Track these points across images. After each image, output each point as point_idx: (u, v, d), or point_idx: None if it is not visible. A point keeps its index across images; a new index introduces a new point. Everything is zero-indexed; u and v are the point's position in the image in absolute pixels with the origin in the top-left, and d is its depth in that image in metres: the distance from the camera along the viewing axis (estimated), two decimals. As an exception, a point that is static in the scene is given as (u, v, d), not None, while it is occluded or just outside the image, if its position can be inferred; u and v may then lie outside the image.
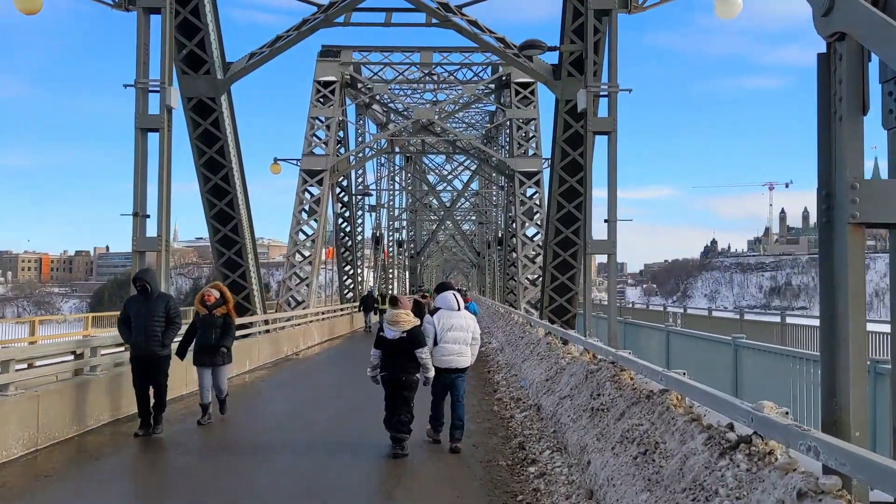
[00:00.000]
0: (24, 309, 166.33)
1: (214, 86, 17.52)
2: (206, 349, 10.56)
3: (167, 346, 9.72)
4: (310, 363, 20.55)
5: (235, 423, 10.93)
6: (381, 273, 55.86)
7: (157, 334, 9.54)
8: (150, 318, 9.54)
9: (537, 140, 31.67)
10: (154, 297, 9.67)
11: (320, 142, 31.45)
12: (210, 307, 10.61)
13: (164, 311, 9.65)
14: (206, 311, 10.60)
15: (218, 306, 10.69)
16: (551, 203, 19.44)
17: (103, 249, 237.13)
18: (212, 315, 10.60)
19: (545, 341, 14.53)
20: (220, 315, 10.68)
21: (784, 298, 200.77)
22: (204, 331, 10.58)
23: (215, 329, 10.57)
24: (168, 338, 9.67)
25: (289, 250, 29.08)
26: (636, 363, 7.50)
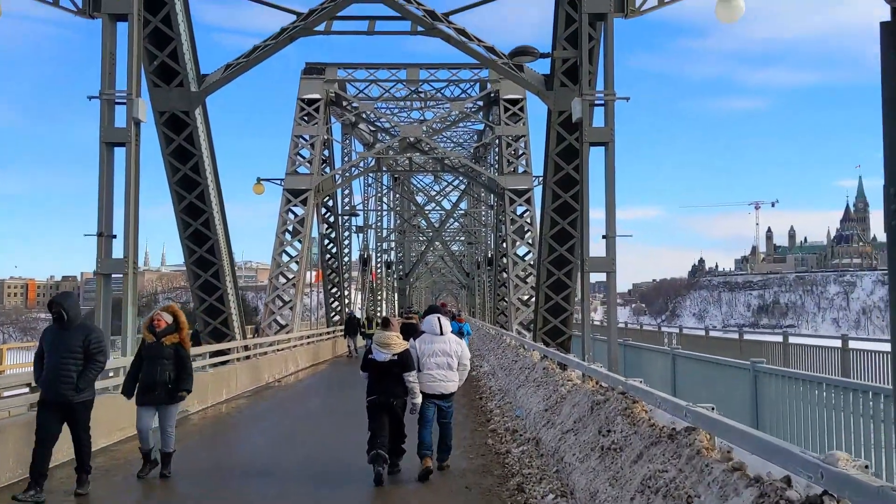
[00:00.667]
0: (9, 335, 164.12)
1: (188, 99, 16.57)
2: (150, 386, 8.63)
3: (84, 391, 7.82)
4: (291, 391, 19.46)
5: (196, 471, 9.82)
6: (370, 295, 54.78)
7: (71, 374, 7.69)
8: (64, 353, 7.74)
9: (527, 157, 30.90)
10: (72, 327, 7.84)
11: (304, 161, 30.53)
12: (159, 334, 8.72)
13: (83, 346, 7.77)
14: (154, 338, 8.71)
15: (168, 333, 8.75)
16: (544, 220, 18.55)
17: (90, 275, 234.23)
18: (160, 344, 8.68)
19: (541, 366, 13.55)
20: (171, 344, 8.73)
21: (772, 317, 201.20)
22: (150, 363, 8.66)
23: (162, 361, 8.64)
24: (85, 380, 7.79)
25: (271, 272, 28.04)
26: (653, 395, 6.55)
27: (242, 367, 18.86)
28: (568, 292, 19.12)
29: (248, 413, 15.30)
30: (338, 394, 19.34)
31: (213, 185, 17.97)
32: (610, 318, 13.67)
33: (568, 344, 19.73)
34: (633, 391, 7.26)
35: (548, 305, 19.30)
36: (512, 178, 30.14)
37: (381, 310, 58.08)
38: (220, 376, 16.81)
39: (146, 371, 8.67)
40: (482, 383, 19.31)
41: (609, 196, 13.63)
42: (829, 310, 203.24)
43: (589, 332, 13.79)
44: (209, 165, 17.78)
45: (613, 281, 13.68)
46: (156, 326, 8.76)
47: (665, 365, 12.83)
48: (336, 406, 16.53)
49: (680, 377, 11.95)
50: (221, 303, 19.21)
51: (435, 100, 34.26)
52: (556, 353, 13.35)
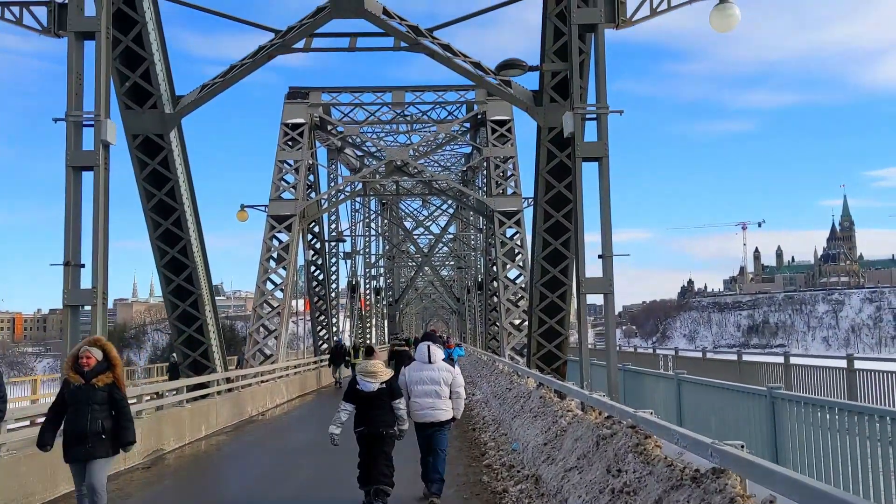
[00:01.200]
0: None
1: (162, 121, 15.86)
2: (79, 437, 7.00)
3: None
4: (275, 425, 18.55)
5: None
6: (359, 322, 53.88)
7: None
8: None
9: (516, 178, 30.32)
10: None
11: (289, 186, 29.83)
12: (88, 374, 7.09)
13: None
14: (82, 379, 7.07)
15: (100, 373, 7.14)
16: (536, 241, 17.87)
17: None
18: (90, 387, 7.05)
19: (537, 394, 12.78)
20: (103, 386, 7.10)
21: (763, 337, 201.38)
22: (78, 410, 7.03)
23: (93, 407, 7.02)
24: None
25: (255, 301, 27.19)
26: (671, 430, 5.80)
27: (224, 400, 17.96)
28: (562, 315, 18.40)
29: (227, 450, 14.42)
30: (323, 427, 18.39)
31: (190, 210, 17.21)
32: (608, 342, 12.95)
33: (563, 369, 19.00)
34: (645, 424, 6.52)
35: (541, 330, 18.58)
36: (501, 200, 29.52)
37: (370, 337, 57.17)
38: (198, 411, 15.93)
39: (72, 419, 7.05)
40: (475, 412, 18.48)
41: (604, 213, 12.99)
42: (818, 328, 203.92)
43: (587, 357, 13.05)
44: (186, 190, 17.04)
45: (611, 303, 12.98)
46: (83, 365, 7.11)
47: (669, 391, 12.09)
48: (322, 440, 15.54)
49: (686, 405, 11.21)
50: (201, 333, 18.36)
51: (421, 122, 33.74)
52: (553, 380, 12.60)
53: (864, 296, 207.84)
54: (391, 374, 8.55)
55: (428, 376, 8.66)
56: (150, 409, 13.92)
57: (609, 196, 13.04)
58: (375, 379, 8.26)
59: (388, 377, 8.39)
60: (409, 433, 8.72)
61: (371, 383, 8.24)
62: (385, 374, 8.38)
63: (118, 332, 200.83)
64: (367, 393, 8.23)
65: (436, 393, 8.62)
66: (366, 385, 8.26)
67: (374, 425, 8.20)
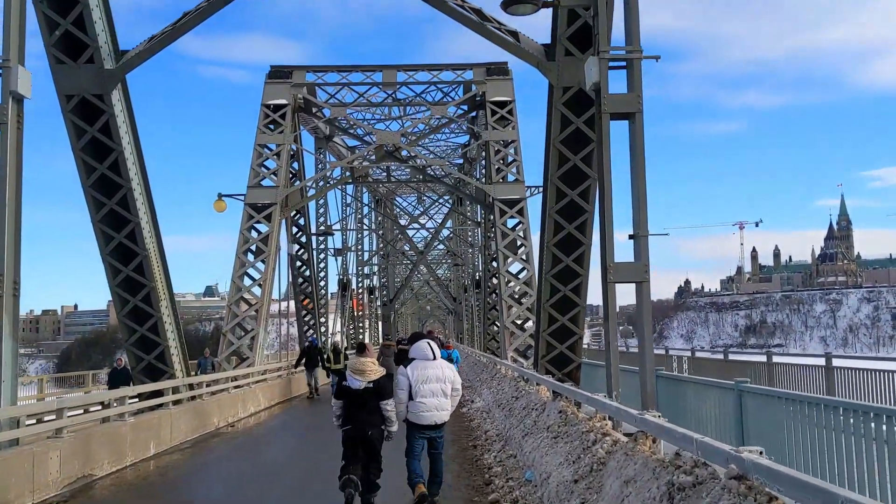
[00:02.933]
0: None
1: (101, 78, 13.26)
2: None
3: None
4: (243, 439, 15.91)
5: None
6: (350, 323, 51.27)
7: None
8: None
9: (518, 164, 27.74)
10: None
11: (269, 172, 27.22)
12: None
13: None
14: None
15: None
16: (546, 225, 15.31)
17: (71, 308, 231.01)
18: None
19: (555, 407, 10.20)
20: None
21: (760, 337, 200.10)
22: None
23: None
24: None
25: (230, 297, 24.58)
26: (825, 492, 3.24)
27: (182, 411, 15.32)
28: (576, 312, 15.84)
29: (176, 474, 11.81)
30: (303, 440, 15.89)
31: (139, 187, 14.62)
32: (643, 343, 10.41)
33: (577, 374, 16.44)
34: (765, 476, 3.95)
35: (552, 328, 16.02)
36: (502, 188, 26.95)
37: (362, 338, 54.59)
38: (144, 426, 13.31)
39: None
40: (475, 424, 15.92)
41: (638, 183, 10.46)
42: (816, 328, 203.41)
43: (616, 360, 10.49)
44: (134, 164, 14.45)
45: (647, 294, 10.44)
46: None
47: (724, 404, 9.51)
48: (301, 457, 13.11)
49: (751, 422, 8.64)
50: (156, 333, 15.77)
51: (415, 104, 31.13)
52: (578, 391, 9.99)
53: (861, 295, 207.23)
54: (382, 372, 8.16)
55: (434, 374, 8.27)
56: (76, 425, 11.32)
57: (643, 162, 10.51)
58: (363, 377, 7.96)
59: (377, 376, 8.03)
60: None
61: (358, 381, 7.95)
62: (374, 373, 8.03)
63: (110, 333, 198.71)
64: (354, 390, 7.95)
65: (442, 392, 8.27)
66: (353, 382, 7.98)
67: (358, 427, 7.94)
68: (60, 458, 10.21)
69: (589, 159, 14.29)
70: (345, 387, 8.05)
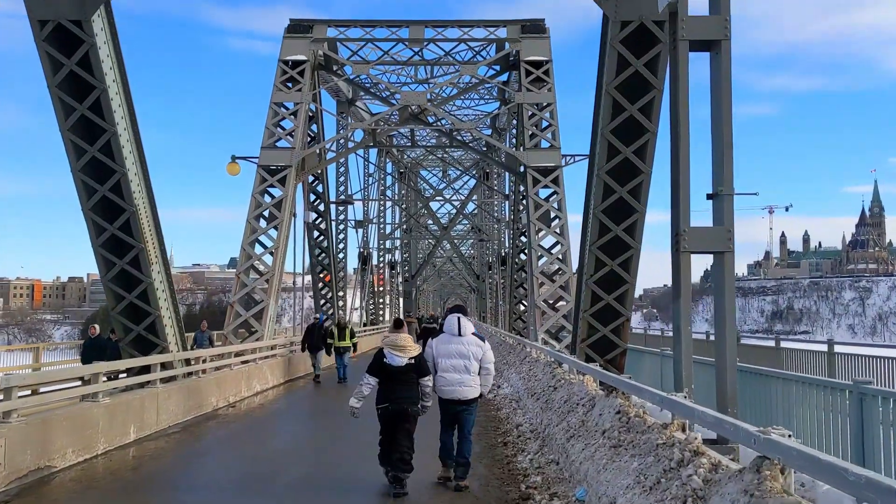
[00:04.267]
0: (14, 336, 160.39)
1: (79, 1, 11.31)
2: None
3: None
4: (243, 423, 14.05)
5: None
6: (370, 297, 49.53)
7: None
8: None
9: (554, 130, 25.50)
10: None
11: (284, 133, 25.29)
12: None
13: None
14: None
15: None
16: (593, 188, 13.20)
17: (97, 276, 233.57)
18: None
19: (609, 405, 8.18)
20: None
21: (787, 323, 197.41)
22: None
23: None
24: None
25: (239, 265, 22.75)
26: None
27: (173, 389, 13.49)
28: (625, 290, 13.78)
29: (151, 467, 9.95)
30: (313, 425, 14.07)
31: (127, 133, 12.73)
32: (722, 328, 8.34)
33: (622, 361, 14.42)
34: None
35: (595, 308, 13.97)
36: (536, 154, 24.78)
37: (384, 315, 52.86)
38: (123, 407, 11.50)
39: None
40: (503, 415, 13.97)
41: (723, 129, 8.36)
42: (844, 315, 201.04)
43: (688, 349, 8.43)
44: (121, 105, 12.54)
45: (730, 266, 8.36)
46: None
47: (835, 408, 7.42)
48: (304, 445, 11.28)
49: (876, 435, 6.55)
50: (146, 301, 13.96)
51: (443, 64, 28.91)
52: (646, 387, 7.85)
53: (892, 283, 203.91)
54: (419, 349, 8.21)
55: (456, 350, 8.18)
56: (29, 407, 9.49)
57: (730, 102, 8.40)
58: (404, 353, 7.92)
59: (416, 353, 8.06)
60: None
61: (399, 357, 7.89)
62: (414, 350, 8.05)
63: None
64: (394, 367, 7.88)
65: (465, 368, 8.14)
66: (394, 359, 7.89)
67: (399, 402, 7.82)
68: (5, 447, 8.41)
69: (648, 110, 12.15)
70: (383, 364, 7.85)
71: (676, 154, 8.50)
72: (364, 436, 9.66)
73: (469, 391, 8.13)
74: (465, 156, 53.39)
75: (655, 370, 15.11)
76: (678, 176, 8.46)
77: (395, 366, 7.84)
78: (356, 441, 10.72)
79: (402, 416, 7.84)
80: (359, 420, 8.49)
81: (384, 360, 7.90)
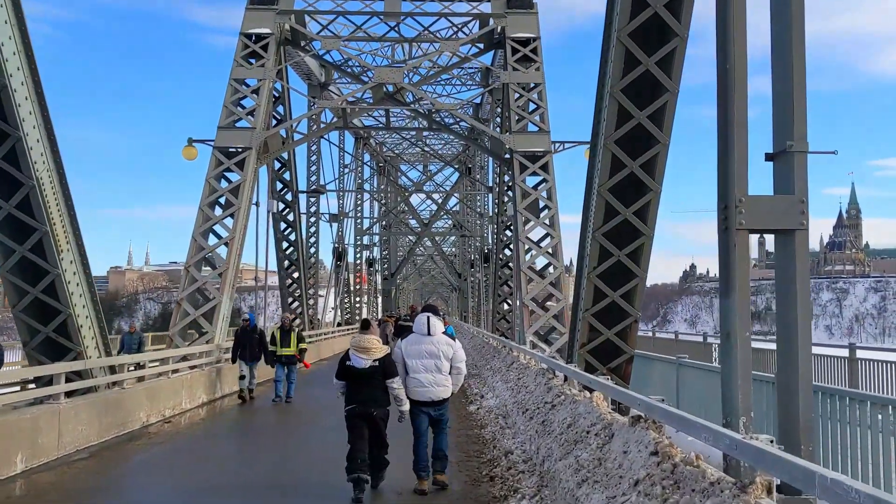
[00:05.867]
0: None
1: None
2: None
3: None
4: (172, 445, 11.54)
5: None
6: (346, 297, 47.06)
7: None
8: None
9: (543, 112, 23.24)
10: None
11: (245, 112, 22.79)
12: None
13: None
14: None
15: None
16: (598, 161, 10.88)
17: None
18: None
19: (639, 441, 5.85)
20: None
21: (765, 323, 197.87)
22: None
23: None
24: None
25: (189, 257, 20.22)
26: None
27: (82, 405, 10.98)
28: (634, 285, 11.47)
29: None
30: (254, 447, 11.61)
31: (25, 88, 10.23)
32: (793, 333, 6.05)
33: (628, 370, 12.13)
34: None
35: (598, 307, 11.65)
36: (523, 139, 22.48)
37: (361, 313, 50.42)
38: (4, 430, 9.03)
39: None
40: (487, 434, 11.61)
41: (792, 60, 6.06)
42: (822, 316, 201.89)
43: (747, 362, 6.13)
44: (16, 53, 10.03)
45: (803, 249, 6.08)
46: None
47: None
48: (261, 481, 8.86)
49: None
50: (54, 296, 11.46)
51: (421, 41, 26.51)
52: (698, 421, 5.46)
53: (869, 285, 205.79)
54: (387, 350, 8.01)
55: (427, 349, 8.00)
56: None
57: (802, 16, 6.10)
58: (368, 355, 7.77)
59: (382, 354, 7.85)
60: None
61: (363, 359, 7.75)
62: (380, 351, 7.86)
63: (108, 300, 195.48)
64: (357, 370, 7.74)
65: (436, 367, 7.96)
66: (357, 361, 7.77)
67: (364, 404, 7.69)
68: None
69: (668, 63, 9.85)
70: (348, 366, 7.81)
71: (726, 88, 6.20)
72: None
73: (442, 391, 8.01)
74: (446, 148, 51.09)
75: (669, 383, 12.81)
76: (729, 121, 6.16)
77: (359, 368, 7.73)
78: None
79: (368, 419, 7.71)
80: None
81: (348, 362, 7.80)
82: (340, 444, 8.06)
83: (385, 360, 7.82)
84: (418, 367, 7.94)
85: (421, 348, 8.01)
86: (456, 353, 8.11)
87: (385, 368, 7.78)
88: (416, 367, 7.94)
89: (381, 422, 7.81)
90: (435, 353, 7.99)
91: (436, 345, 8.02)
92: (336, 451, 8.43)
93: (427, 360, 7.95)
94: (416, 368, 7.94)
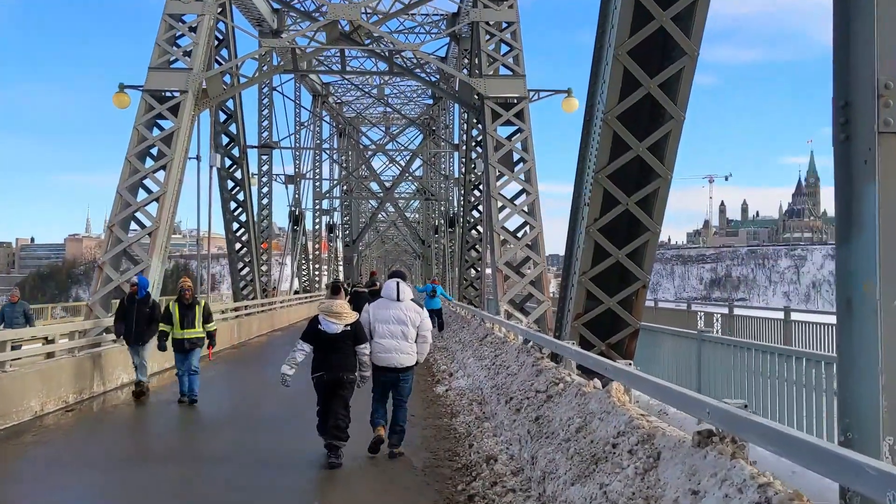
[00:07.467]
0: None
1: None
2: None
3: None
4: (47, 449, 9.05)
5: None
6: (304, 264, 44.39)
7: None
8: None
9: (518, 55, 20.71)
10: None
11: (180, 52, 19.92)
12: None
13: None
14: None
15: None
16: (607, 76, 8.48)
17: (27, 241, 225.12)
18: None
19: (717, 475, 3.62)
20: None
21: (724, 290, 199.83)
22: None
23: None
24: None
25: (113, 215, 17.46)
26: None
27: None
28: (644, 241, 9.17)
29: None
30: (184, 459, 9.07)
31: None
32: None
33: (631, 346, 9.90)
34: None
35: (598, 269, 9.35)
36: (495, 83, 19.97)
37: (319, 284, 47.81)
38: None
39: None
40: (461, 427, 9.32)
41: None
42: (780, 283, 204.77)
43: (893, 345, 3.85)
44: None
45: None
46: None
47: None
48: None
49: None
50: None
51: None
52: (805, 438, 3.33)
53: (826, 252, 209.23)
54: (357, 316, 7.89)
55: (394, 315, 7.95)
56: None
57: None
58: (340, 320, 7.67)
59: (353, 319, 7.77)
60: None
61: (335, 325, 7.64)
62: (350, 317, 7.78)
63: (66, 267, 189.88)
64: (329, 335, 7.63)
65: (402, 334, 7.90)
66: (329, 326, 7.64)
67: (334, 370, 7.61)
68: None
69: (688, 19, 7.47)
70: (319, 330, 7.65)
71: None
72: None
73: (406, 358, 7.94)
74: (408, 107, 48.34)
75: (684, 363, 10.57)
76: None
77: (331, 333, 7.66)
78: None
79: (338, 384, 7.65)
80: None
81: (319, 326, 7.69)
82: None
83: (356, 326, 7.77)
84: (385, 331, 7.87)
85: (389, 313, 7.95)
86: (423, 322, 8.06)
87: (356, 334, 7.73)
88: (383, 332, 7.87)
89: (348, 387, 7.72)
90: (402, 319, 7.94)
91: (404, 311, 7.97)
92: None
93: (394, 326, 7.89)
94: (382, 333, 7.88)
